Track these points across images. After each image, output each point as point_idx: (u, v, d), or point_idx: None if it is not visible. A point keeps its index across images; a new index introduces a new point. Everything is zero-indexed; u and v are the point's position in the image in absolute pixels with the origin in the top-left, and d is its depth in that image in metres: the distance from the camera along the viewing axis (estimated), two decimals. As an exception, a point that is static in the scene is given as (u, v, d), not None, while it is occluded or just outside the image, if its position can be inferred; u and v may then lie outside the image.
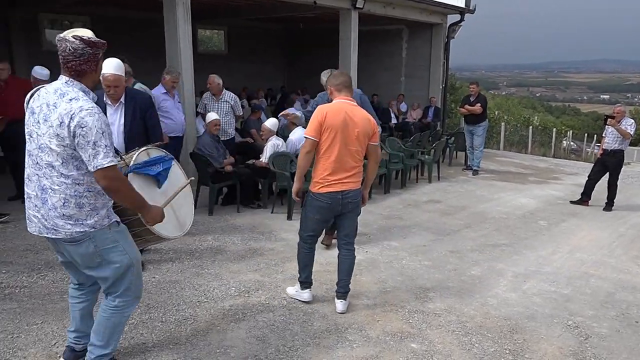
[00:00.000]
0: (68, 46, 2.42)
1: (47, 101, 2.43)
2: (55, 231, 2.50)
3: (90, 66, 2.47)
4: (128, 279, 2.72)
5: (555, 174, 10.51)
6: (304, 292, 4.00)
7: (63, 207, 2.46)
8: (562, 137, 22.03)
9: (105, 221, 2.57)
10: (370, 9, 10.33)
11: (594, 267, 5.04)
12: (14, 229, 5.55)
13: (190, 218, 3.35)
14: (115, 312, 2.76)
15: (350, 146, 3.63)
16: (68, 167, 2.43)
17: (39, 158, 2.46)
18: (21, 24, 10.45)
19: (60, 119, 2.36)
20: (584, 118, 54.37)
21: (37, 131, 2.45)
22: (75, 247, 2.55)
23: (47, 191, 2.47)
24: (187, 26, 7.17)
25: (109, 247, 2.60)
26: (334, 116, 3.60)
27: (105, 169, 2.38)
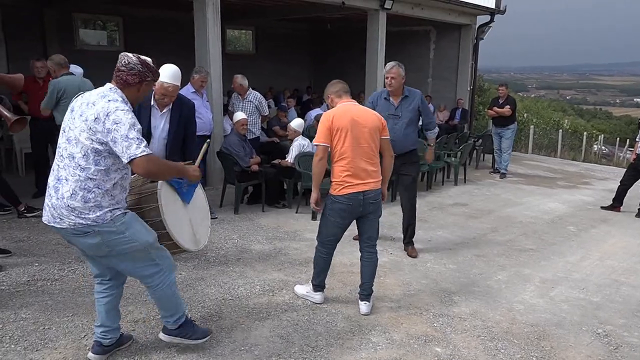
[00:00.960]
0: (125, 60, 2.69)
1: (88, 100, 2.61)
2: (61, 220, 2.61)
3: (135, 80, 2.68)
4: (148, 259, 2.82)
5: (585, 179, 10.28)
6: (316, 294, 3.98)
7: (70, 198, 2.57)
8: (593, 141, 21.51)
9: (108, 216, 2.64)
10: (399, 10, 10.28)
11: (625, 275, 4.91)
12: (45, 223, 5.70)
13: (205, 239, 3.56)
14: (158, 289, 2.90)
15: (363, 144, 3.66)
16: (88, 160, 2.56)
17: (64, 150, 2.62)
18: (56, 23, 10.73)
19: (96, 115, 2.52)
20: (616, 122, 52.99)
21: (70, 125, 2.62)
22: (81, 238, 2.65)
23: (61, 181, 2.60)
24: (216, 27, 7.26)
25: (115, 238, 2.67)
26: (341, 118, 3.66)
27: (139, 158, 2.50)
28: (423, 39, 13.84)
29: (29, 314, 3.60)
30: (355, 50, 12.38)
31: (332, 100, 3.88)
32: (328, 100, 3.93)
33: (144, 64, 2.70)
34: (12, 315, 3.57)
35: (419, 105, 5.06)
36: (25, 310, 3.65)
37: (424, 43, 13.85)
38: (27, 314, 3.60)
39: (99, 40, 12.34)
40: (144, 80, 2.71)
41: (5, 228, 5.46)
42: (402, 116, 5.03)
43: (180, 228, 3.16)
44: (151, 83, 2.79)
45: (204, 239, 3.51)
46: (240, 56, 14.66)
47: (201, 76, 6.06)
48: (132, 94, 2.71)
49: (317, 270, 3.95)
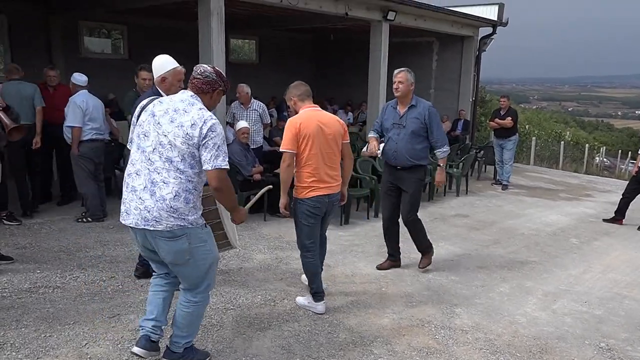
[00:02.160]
0: (202, 69, 2.84)
1: (173, 107, 2.75)
2: (157, 223, 2.69)
3: (208, 88, 2.82)
4: (210, 276, 2.96)
5: (587, 191, 10.27)
6: (317, 304, 4.00)
7: (173, 199, 2.68)
8: (595, 153, 21.54)
9: (201, 221, 2.82)
10: (402, 21, 10.34)
11: (628, 288, 4.90)
12: (48, 230, 5.71)
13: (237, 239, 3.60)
14: (197, 306, 2.98)
15: (327, 150, 3.85)
16: (184, 164, 2.69)
17: (154, 154, 2.72)
18: (61, 31, 10.79)
19: (193, 121, 2.67)
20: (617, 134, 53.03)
21: (157, 131, 2.72)
22: (172, 243, 2.74)
23: (157, 184, 2.70)
24: (220, 36, 7.30)
25: (199, 246, 2.81)
26: (308, 125, 3.78)
27: (222, 169, 2.70)
28: (425, 50, 13.90)
29: (30, 322, 3.59)
30: (358, 61, 12.43)
31: (294, 103, 3.97)
32: (290, 102, 4.01)
33: (217, 74, 2.85)
34: (14, 323, 3.57)
35: (425, 117, 4.70)
36: (27, 318, 3.65)
37: (426, 54, 13.90)
38: (29, 322, 3.59)
39: (104, 48, 12.41)
40: (217, 89, 2.86)
41: (8, 235, 5.47)
42: (407, 126, 4.73)
43: (231, 227, 3.33)
44: (221, 93, 2.92)
45: (237, 236, 3.60)
46: (243, 65, 14.72)
47: None
48: (206, 101, 2.84)
49: (309, 276, 4.05)
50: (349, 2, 9.15)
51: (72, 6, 10.04)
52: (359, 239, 6.03)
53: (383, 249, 5.63)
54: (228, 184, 2.81)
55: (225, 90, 2.94)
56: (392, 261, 5.11)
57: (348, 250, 5.62)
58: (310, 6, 8.60)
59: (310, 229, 3.92)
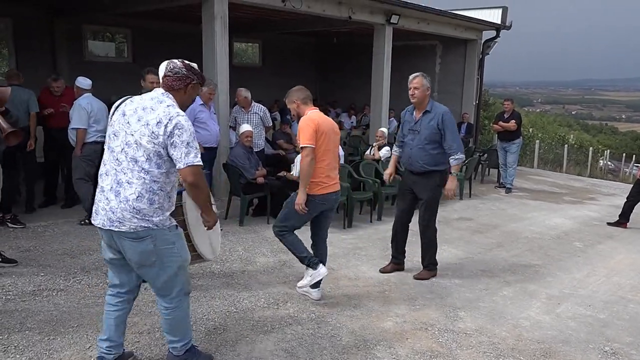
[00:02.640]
0: (171, 66, 2.80)
1: (142, 105, 2.70)
2: (120, 224, 2.65)
3: (179, 84, 2.78)
4: (179, 280, 2.87)
5: (591, 194, 10.24)
6: (313, 290, 4.19)
7: (136, 200, 2.64)
8: (599, 156, 21.49)
9: (167, 222, 2.75)
10: (405, 25, 10.36)
11: (632, 292, 4.88)
12: (52, 233, 5.73)
13: (219, 246, 3.59)
14: (174, 311, 2.91)
15: (335, 149, 4.07)
16: (151, 163, 2.65)
17: (121, 154, 2.68)
18: (65, 35, 10.86)
19: (159, 119, 2.63)
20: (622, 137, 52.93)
21: (125, 130, 2.68)
22: (136, 244, 2.69)
23: (122, 184, 2.66)
24: (224, 40, 7.33)
25: (166, 248, 2.75)
26: (323, 123, 3.96)
27: (195, 166, 2.65)
28: (429, 53, 13.92)
29: (34, 324, 3.60)
30: (360, 64, 12.46)
31: (298, 106, 4.07)
32: (293, 105, 4.09)
33: (187, 68, 2.80)
34: (18, 325, 3.58)
35: (439, 123, 4.59)
36: (31, 320, 3.66)
37: (429, 57, 13.92)
38: (33, 324, 3.60)
39: (108, 51, 12.47)
40: (189, 83, 2.81)
41: (12, 237, 5.49)
42: (421, 132, 4.66)
43: (201, 239, 3.22)
44: (197, 86, 2.87)
45: (218, 246, 3.57)
46: (246, 69, 14.76)
47: (209, 89, 6.11)
48: (179, 97, 2.80)
49: (295, 247, 4.17)
50: (352, 6, 9.18)
51: (77, 10, 10.10)
52: (362, 242, 6.03)
53: (387, 252, 5.63)
54: (204, 180, 2.77)
55: (201, 82, 2.90)
56: (395, 264, 5.10)
57: (351, 253, 5.62)
58: (313, 10, 8.63)
59: (305, 219, 4.10)
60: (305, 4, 8.33)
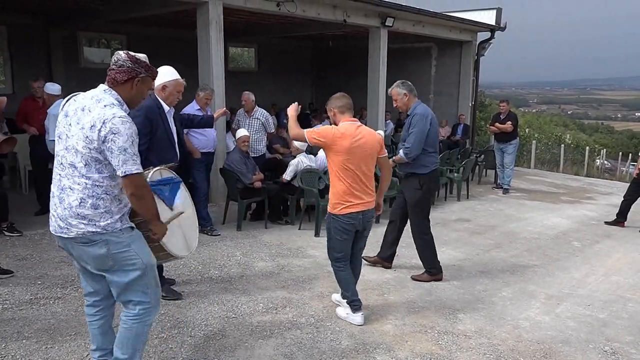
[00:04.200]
0: (115, 57, 2.59)
1: (82, 105, 2.50)
2: (68, 230, 2.52)
3: (124, 77, 2.56)
4: (142, 284, 2.66)
5: (588, 194, 10.25)
6: (356, 315, 3.91)
7: (79, 206, 2.49)
8: (596, 155, 21.53)
9: (118, 225, 2.56)
10: (400, 27, 10.38)
11: (631, 291, 4.87)
12: (49, 240, 5.70)
13: (196, 242, 3.35)
14: (136, 320, 2.70)
15: (363, 167, 3.76)
16: (90, 169, 2.47)
17: (63, 159, 2.52)
18: (61, 42, 10.85)
19: (92, 122, 2.42)
20: (618, 136, 53.05)
21: (67, 133, 2.51)
22: (87, 248, 2.54)
23: (65, 190, 2.52)
24: (219, 45, 7.33)
25: (121, 251, 2.57)
26: (344, 137, 3.68)
27: (133, 175, 2.45)
28: (424, 55, 13.95)
29: (32, 333, 3.58)
30: (357, 67, 12.46)
31: (334, 115, 3.90)
32: (330, 113, 3.95)
33: (133, 60, 2.58)
34: (15, 335, 3.56)
35: (409, 124, 4.70)
36: (28, 330, 3.64)
37: (425, 59, 13.95)
38: (30, 333, 3.58)
39: (103, 58, 12.46)
40: (135, 77, 2.59)
41: (9, 246, 5.46)
42: (403, 136, 4.87)
43: (172, 237, 2.99)
44: (146, 80, 2.65)
45: (194, 241, 3.33)
46: (242, 73, 14.76)
47: (206, 94, 6.10)
48: (126, 92, 2.59)
49: (343, 285, 3.96)
50: (347, 9, 9.20)
51: (72, 17, 10.09)
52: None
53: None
54: (145, 190, 2.56)
55: (152, 76, 2.67)
56: (380, 258, 5.21)
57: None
58: (309, 14, 8.64)
59: (342, 243, 3.86)
60: (300, 7, 8.33)
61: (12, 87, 10.45)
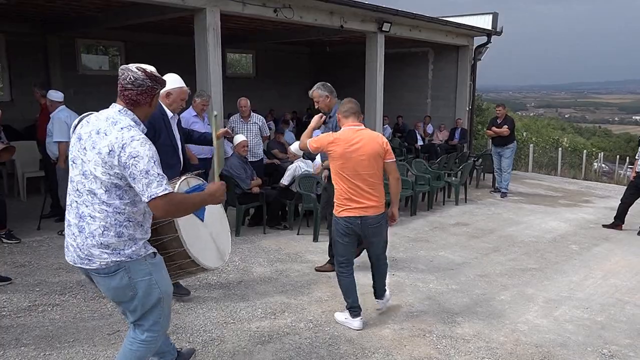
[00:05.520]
0: (130, 75, 2.42)
1: (97, 128, 2.37)
2: (89, 261, 2.41)
3: (146, 98, 2.46)
4: (157, 313, 2.59)
5: (586, 197, 10.28)
6: (354, 320, 3.92)
7: (102, 235, 2.38)
8: (593, 158, 21.56)
9: (142, 251, 2.48)
10: (397, 32, 10.42)
11: (629, 294, 4.88)
12: (47, 247, 5.70)
13: (229, 246, 3.35)
14: (142, 346, 2.63)
15: (362, 171, 3.74)
16: (111, 195, 2.36)
17: (80, 185, 2.40)
18: (59, 49, 10.87)
19: (110, 147, 2.30)
20: (615, 139, 53.16)
21: (82, 157, 2.39)
22: (109, 280, 2.44)
23: (85, 219, 2.39)
24: (217, 51, 7.35)
25: (142, 280, 2.48)
26: (336, 146, 3.76)
27: (160, 197, 2.29)
28: (421, 60, 13.99)
29: (30, 340, 3.58)
30: (354, 72, 12.49)
31: (339, 120, 3.99)
32: (338, 116, 4.04)
33: (152, 78, 2.45)
34: (13, 342, 3.55)
35: (333, 126, 4.81)
36: (26, 336, 3.63)
37: (422, 64, 13.99)
38: (28, 340, 3.58)
39: (101, 65, 12.49)
40: (155, 94, 2.51)
41: (7, 253, 5.46)
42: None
43: (204, 251, 2.97)
44: (159, 94, 2.57)
45: (227, 248, 3.31)
46: (240, 79, 14.80)
47: (202, 100, 6.12)
48: (144, 111, 2.50)
49: (344, 291, 3.98)
50: (344, 15, 9.23)
51: (69, 25, 10.11)
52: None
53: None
54: (178, 204, 2.41)
55: (163, 87, 2.59)
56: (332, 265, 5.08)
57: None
58: (305, 20, 8.67)
59: (344, 246, 3.89)
60: (297, 14, 8.37)
61: (10, 94, 10.47)
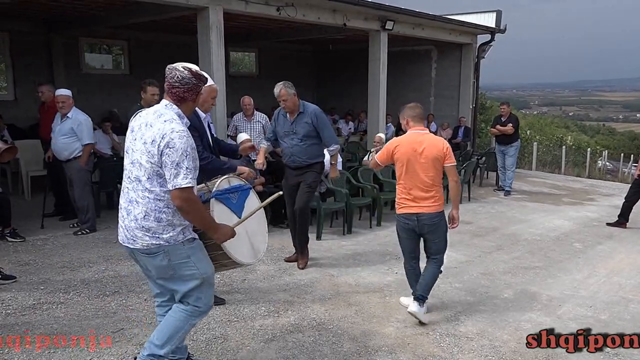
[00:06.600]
0: (177, 74, 2.64)
1: (146, 120, 2.64)
2: (134, 241, 2.67)
3: (192, 95, 2.69)
4: (198, 292, 2.79)
5: (590, 195, 10.25)
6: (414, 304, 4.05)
7: (143, 219, 2.62)
8: (597, 157, 21.49)
9: (180, 237, 2.68)
10: (400, 31, 10.41)
11: (633, 292, 4.87)
12: (51, 246, 5.73)
13: (264, 245, 3.39)
14: (184, 315, 2.82)
15: (420, 174, 3.98)
16: (152, 182, 2.60)
17: (130, 172, 2.67)
18: (62, 48, 10.90)
19: (153, 137, 2.55)
20: (619, 137, 52.95)
21: (132, 147, 2.66)
22: (150, 259, 2.70)
23: (132, 203, 2.66)
24: (220, 49, 7.36)
25: (181, 262, 2.70)
26: (401, 148, 4.01)
27: (181, 189, 2.52)
28: (424, 58, 13.97)
29: (35, 338, 3.59)
30: (357, 71, 12.50)
31: (407, 123, 4.13)
32: (403, 121, 4.16)
33: (197, 77, 2.68)
34: (18, 340, 3.56)
35: (313, 121, 5.08)
36: (31, 334, 3.64)
37: (425, 62, 13.98)
38: (33, 338, 3.59)
39: (104, 63, 12.52)
40: (199, 92, 2.74)
41: (12, 251, 5.48)
42: (297, 132, 5.09)
43: (239, 246, 3.03)
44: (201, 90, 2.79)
45: (262, 248, 3.34)
46: (243, 78, 14.81)
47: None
48: (189, 107, 2.74)
49: (409, 283, 4.25)
50: (347, 13, 9.23)
51: (73, 24, 10.14)
52: (361, 248, 6.03)
53: (386, 257, 5.65)
54: (193, 204, 2.61)
55: (205, 84, 2.79)
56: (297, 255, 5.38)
57: (351, 259, 5.61)
58: (309, 18, 8.67)
59: (404, 241, 4.17)
60: (300, 12, 8.37)
61: (14, 93, 10.51)
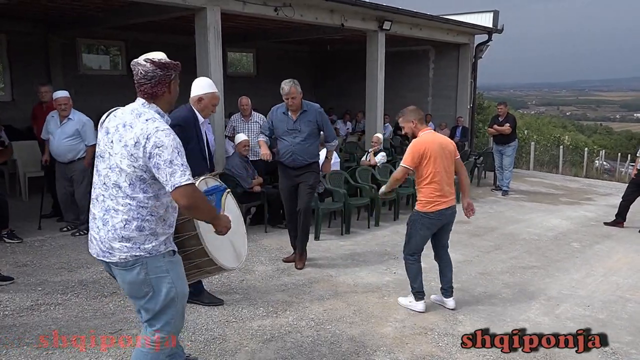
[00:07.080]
0: (140, 70, 2.43)
1: (123, 121, 2.41)
2: (110, 254, 2.43)
3: (162, 88, 2.46)
4: (170, 313, 2.55)
5: (587, 195, 10.27)
6: (418, 303, 4.26)
7: (123, 228, 2.40)
8: (595, 156, 21.54)
9: (162, 248, 2.48)
10: (397, 31, 10.41)
11: (630, 291, 4.88)
12: (49, 247, 5.72)
13: (245, 248, 3.34)
14: (152, 348, 2.57)
15: (447, 167, 4.17)
16: (135, 189, 2.38)
17: (107, 178, 2.42)
18: (60, 49, 10.88)
19: (136, 139, 2.33)
20: (616, 137, 53.03)
21: (109, 151, 2.42)
22: (126, 273, 2.45)
23: (109, 212, 2.42)
24: (217, 50, 7.35)
25: (158, 277, 2.47)
26: (431, 147, 4.10)
27: (183, 186, 2.31)
28: (422, 58, 13.97)
29: (32, 339, 3.59)
30: (355, 71, 12.49)
31: (415, 125, 4.21)
32: (410, 124, 4.22)
33: (161, 67, 2.44)
34: (16, 341, 3.56)
35: (317, 119, 5.14)
36: (29, 335, 3.64)
37: (423, 62, 13.98)
38: (31, 340, 3.59)
39: (102, 64, 12.49)
40: (169, 81, 2.48)
41: (9, 253, 5.47)
42: (302, 130, 5.11)
43: (221, 250, 2.95)
44: (177, 79, 2.54)
45: (244, 249, 3.30)
46: (241, 78, 14.79)
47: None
48: (166, 101, 2.51)
49: (412, 277, 4.30)
50: (345, 13, 9.22)
51: (71, 25, 10.12)
52: (360, 248, 6.03)
53: (385, 257, 5.65)
54: (199, 199, 2.45)
55: (178, 71, 2.54)
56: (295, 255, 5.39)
57: (349, 259, 5.62)
58: (306, 18, 8.67)
59: (423, 238, 4.27)
60: (297, 12, 8.36)
61: (11, 94, 10.49)
